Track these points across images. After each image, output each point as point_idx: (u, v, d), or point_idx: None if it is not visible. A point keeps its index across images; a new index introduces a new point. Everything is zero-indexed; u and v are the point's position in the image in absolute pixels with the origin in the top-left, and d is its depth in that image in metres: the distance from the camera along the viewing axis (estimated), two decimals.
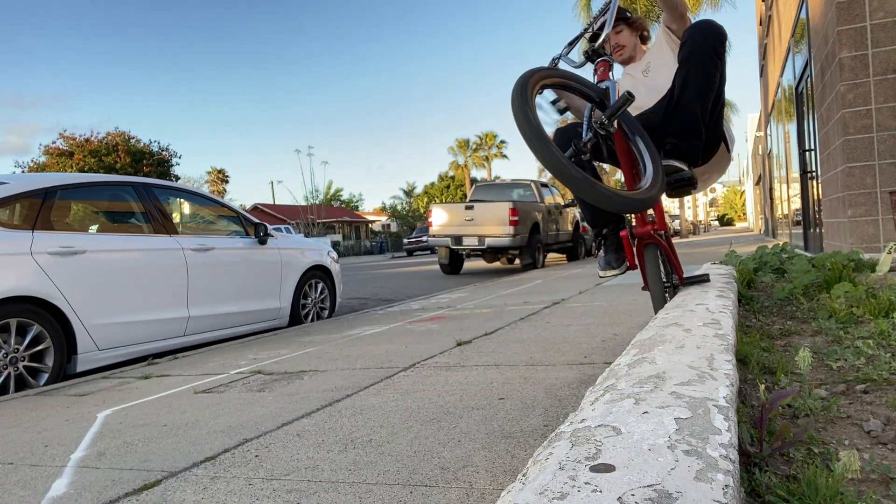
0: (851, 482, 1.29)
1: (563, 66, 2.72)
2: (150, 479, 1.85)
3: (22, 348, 3.71)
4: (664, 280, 3.00)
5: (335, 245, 43.76)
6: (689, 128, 2.59)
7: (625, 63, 3.16)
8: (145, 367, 4.01)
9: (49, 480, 1.94)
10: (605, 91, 2.56)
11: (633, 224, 2.80)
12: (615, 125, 2.44)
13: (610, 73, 2.70)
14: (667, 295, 3.01)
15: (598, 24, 2.92)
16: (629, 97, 2.33)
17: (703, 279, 3.25)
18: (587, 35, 2.92)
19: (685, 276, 3.20)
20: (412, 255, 37.18)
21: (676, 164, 2.56)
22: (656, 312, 2.80)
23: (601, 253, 2.98)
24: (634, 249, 2.80)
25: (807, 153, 9.38)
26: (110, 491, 1.79)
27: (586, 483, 0.98)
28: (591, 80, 2.69)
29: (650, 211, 2.72)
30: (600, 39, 2.72)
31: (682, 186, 2.61)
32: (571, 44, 2.85)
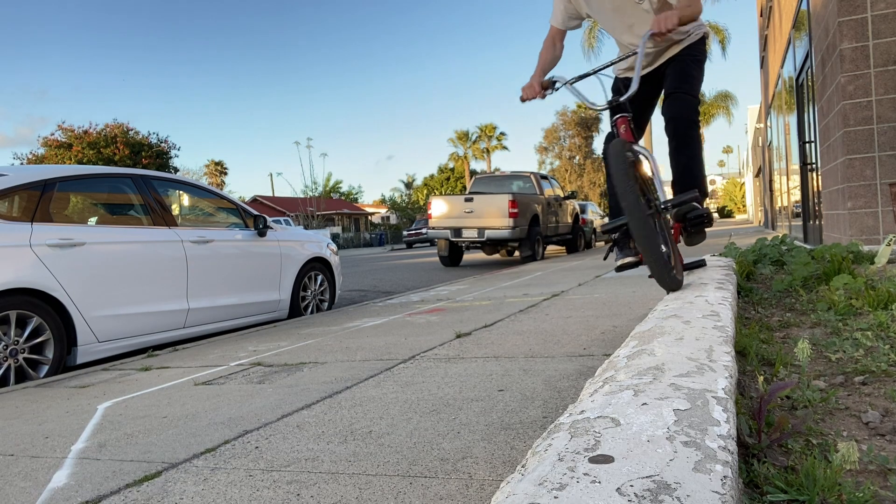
0: (850, 473, 1.30)
1: (563, 90, 2.88)
2: (151, 471, 1.86)
3: (22, 340, 3.72)
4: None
5: (334, 237, 43.73)
6: (692, 184, 2.90)
7: None
8: (145, 359, 4.01)
9: (50, 472, 1.95)
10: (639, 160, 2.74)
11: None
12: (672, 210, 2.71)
13: (632, 129, 2.81)
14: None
15: (622, 72, 3.13)
16: (697, 201, 2.75)
17: (699, 265, 3.56)
18: (602, 76, 2.97)
19: (685, 262, 3.47)
20: (411, 247, 37.16)
21: (695, 203, 2.81)
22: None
23: (616, 249, 3.07)
24: None
25: (807, 145, 9.36)
26: (111, 482, 1.80)
27: (585, 474, 0.99)
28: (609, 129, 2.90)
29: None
30: (626, 95, 2.74)
31: (699, 224, 2.87)
32: (581, 77, 2.90)
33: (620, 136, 2.73)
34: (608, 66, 2.88)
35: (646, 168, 2.71)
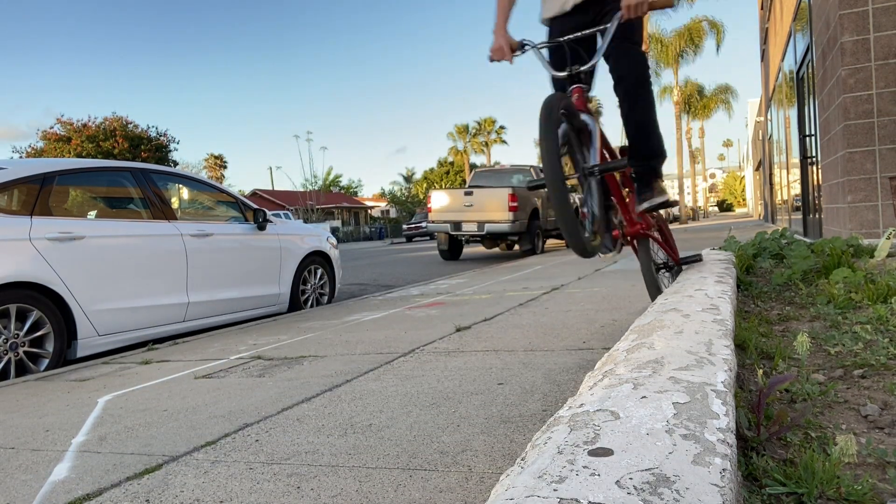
0: (848, 466, 1.30)
1: (530, 53, 2.76)
2: (152, 464, 1.86)
3: (22, 334, 3.72)
4: (659, 263, 3.33)
5: (334, 231, 43.73)
6: (646, 149, 2.81)
7: None
8: (145, 353, 4.02)
9: (51, 465, 1.95)
10: (584, 127, 2.61)
11: (624, 224, 3.01)
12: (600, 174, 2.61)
13: (586, 102, 2.65)
14: (663, 277, 3.32)
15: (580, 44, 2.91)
16: (624, 165, 2.68)
17: (696, 259, 3.51)
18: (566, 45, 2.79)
19: (680, 257, 3.49)
20: (411, 240, 37.17)
21: (658, 200, 2.80)
22: (650, 295, 3.10)
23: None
24: (631, 243, 3.11)
25: (807, 138, 9.35)
26: (112, 475, 1.80)
27: (584, 467, 0.99)
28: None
29: (636, 214, 2.97)
30: (585, 66, 2.66)
31: (666, 206, 2.86)
32: (551, 43, 2.79)
33: (574, 101, 2.61)
34: (576, 36, 2.74)
35: (588, 127, 2.59)
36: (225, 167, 57.92)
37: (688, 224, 32.14)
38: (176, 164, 34.54)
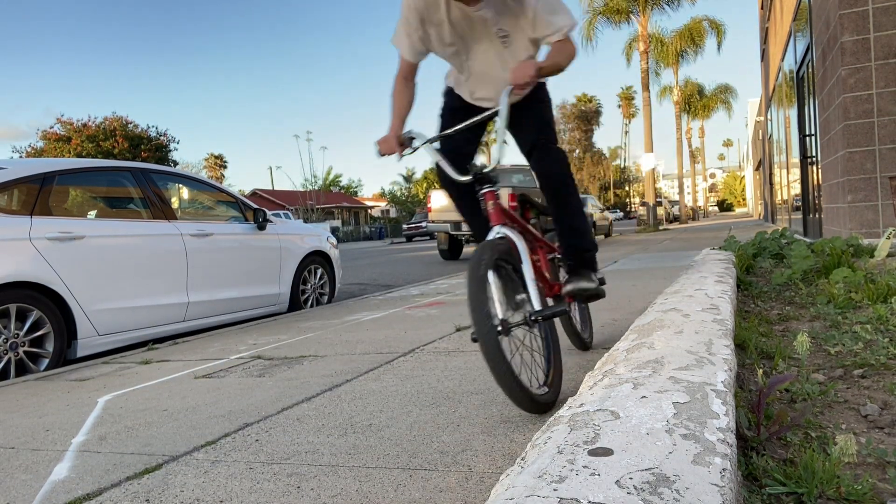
0: (848, 466, 1.30)
1: (422, 150, 2.44)
2: (152, 464, 1.86)
3: (22, 333, 3.72)
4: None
5: (334, 231, 43.73)
6: (582, 245, 2.59)
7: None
8: (145, 353, 4.02)
9: (51, 465, 1.95)
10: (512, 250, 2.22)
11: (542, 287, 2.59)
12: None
13: (503, 209, 2.32)
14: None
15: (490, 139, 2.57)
16: (567, 311, 2.28)
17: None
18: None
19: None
20: (411, 240, 37.16)
21: (585, 284, 2.53)
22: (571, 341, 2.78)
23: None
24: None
25: (807, 138, 9.35)
26: (112, 475, 1.80)
27: (584, 467, 0.99)
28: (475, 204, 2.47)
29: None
30: (490, 167, 2.33)
31: (594, 297, 2.61)
32: (442, 136, 2.53)
33: (490, 214, 2.28)
34: (473, 124, 2.49)
35: (520, 249, 2.21)
36: (225, 167, 57.94)
37: (688, 224, 32.14)
38: (176, 163, 34.54)
